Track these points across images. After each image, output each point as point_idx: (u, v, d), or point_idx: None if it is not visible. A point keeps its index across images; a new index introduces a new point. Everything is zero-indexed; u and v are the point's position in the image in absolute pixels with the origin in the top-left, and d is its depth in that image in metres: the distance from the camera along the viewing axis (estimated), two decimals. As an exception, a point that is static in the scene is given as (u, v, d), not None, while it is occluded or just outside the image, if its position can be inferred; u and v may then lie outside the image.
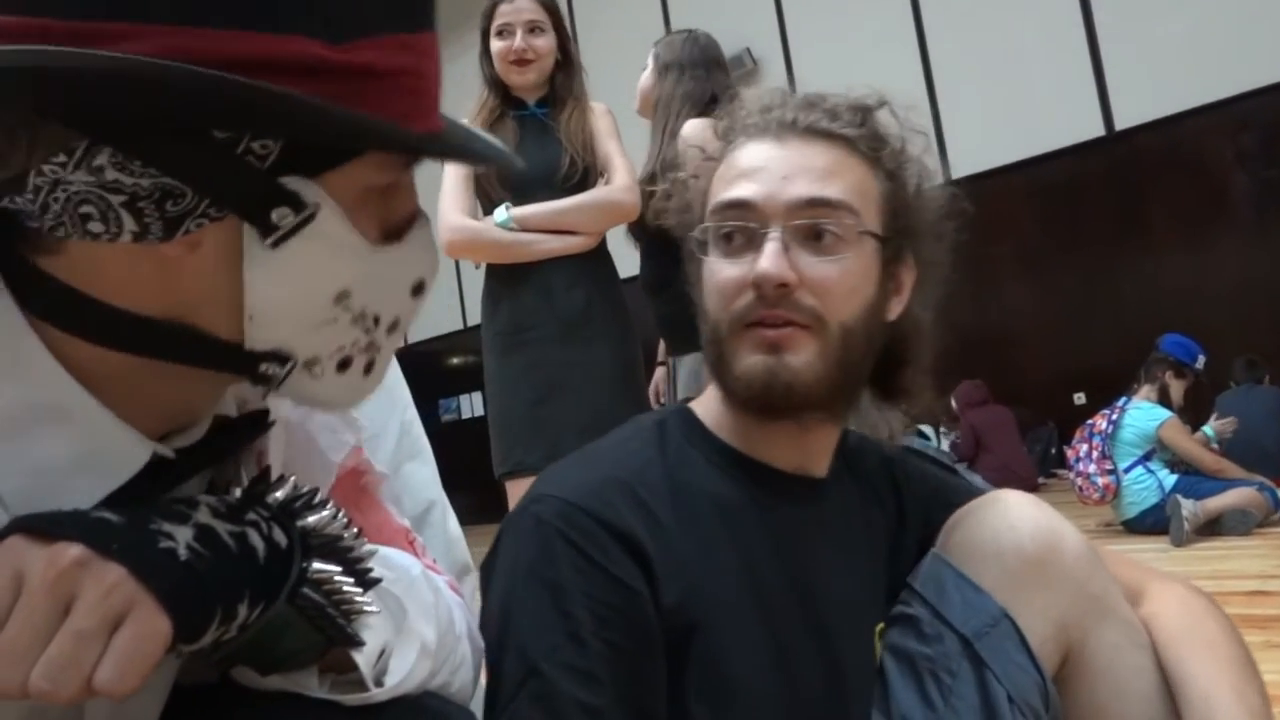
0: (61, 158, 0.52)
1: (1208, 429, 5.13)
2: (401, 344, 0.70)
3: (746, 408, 0.97)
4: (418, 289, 0.67)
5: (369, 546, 0.69)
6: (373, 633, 0.66)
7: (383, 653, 0.68)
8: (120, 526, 0.54)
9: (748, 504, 0.96)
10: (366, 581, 0.66)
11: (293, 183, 0.57)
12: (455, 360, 11.56)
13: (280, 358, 0.62)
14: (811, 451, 1.02)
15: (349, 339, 0.63)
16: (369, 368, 0.66)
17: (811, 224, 0.93)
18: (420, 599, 0.74)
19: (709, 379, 1.02)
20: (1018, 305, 7.54)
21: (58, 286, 0.57)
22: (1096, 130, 7.45)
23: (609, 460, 0.96)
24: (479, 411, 10.63)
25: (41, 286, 0.57)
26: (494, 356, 2.51)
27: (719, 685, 0.89)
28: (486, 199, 2.47)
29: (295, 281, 0.59)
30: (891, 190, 0.99)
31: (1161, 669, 0.96)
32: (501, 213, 2.42)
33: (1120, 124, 7.34)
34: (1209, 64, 6.86)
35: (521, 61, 2.49)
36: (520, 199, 2.42)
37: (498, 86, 2.55)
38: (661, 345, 2.93)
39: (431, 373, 11.38)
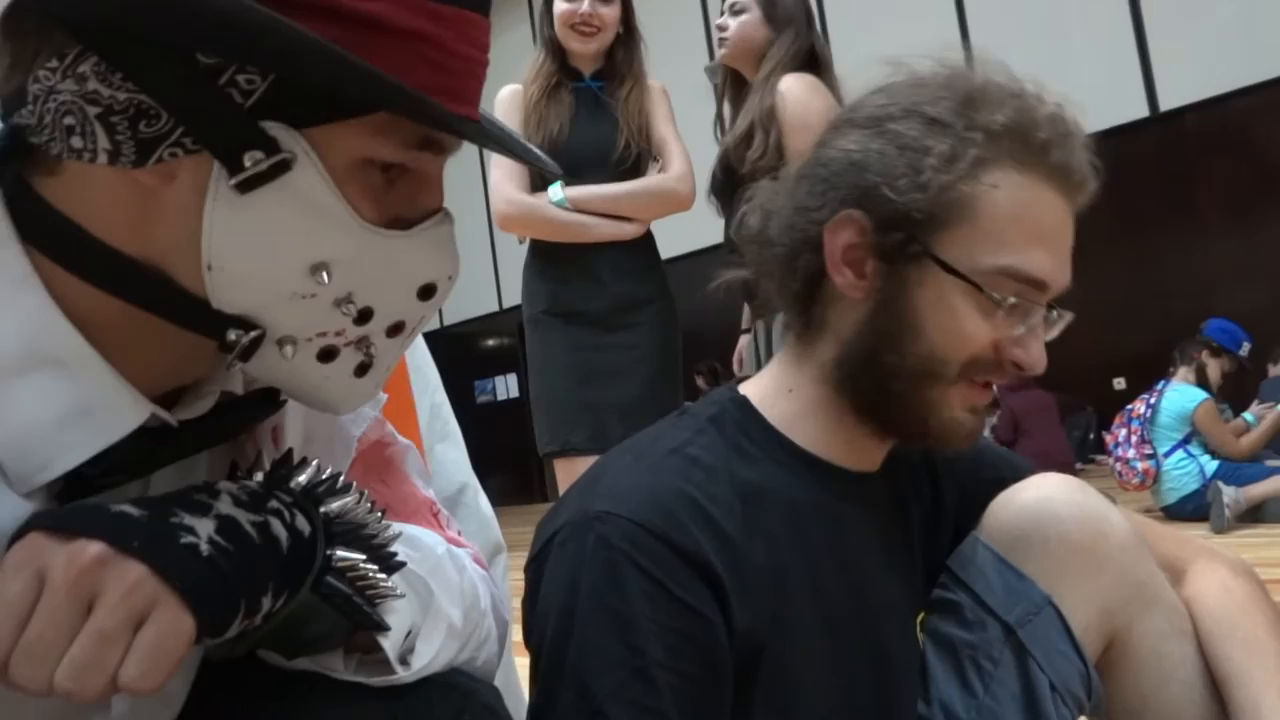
0: (54, 63, 0.53)
1: (1249, 415, 5.05)
2: (435, 325, 0.69)
3: (902, 440, 0.96)
4: (426, 292, 0.64)
5: (394, 528, 0.67)
6: (399, 616, 0.65)
7: (409, 634, 0.67)
8: (141, 521, 0.53)
9: (810, 504, 0.93)
10: (391, 565, 0.65)
11: (273, 128, 0.55)
12: (491, 342, 11.59)
13: (247, 325, 0.59)
14: (874, 453, 0.99)
15: (332, 325, 0.60)
16: (362, 369, 0.63)
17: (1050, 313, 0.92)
18: (446, 578, 0.72)
19: (801, 368, 0.97)
20: (1058, 289, 7.45)
21: (49, 211, 0.56)
22: (1141, 111, 7.32)
23: (670, 468, 0.89)
24: (514, 393, 10.67)
25: (37, 210, 0.57)
26: (538, 335, 2.49)
27: (786, 697, 0.87)
28: (538, 174, 2.41)
29: (265, 238, 0.56)
30: None
31: (1204, 656, 0.95)
32: (557, 191, 2.39)
33: (1165, 105, 7.22)
34: (1256, 43, 6.72)
35: (586, 28, 2.40)
36: (571, 178, 2.38)
37: (556, 52, 2.47)
38: (746, 311, 2.74)
39: (467, 354, 11.42)
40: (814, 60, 2.40)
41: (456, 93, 0.59)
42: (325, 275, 0.58)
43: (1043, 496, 0.98)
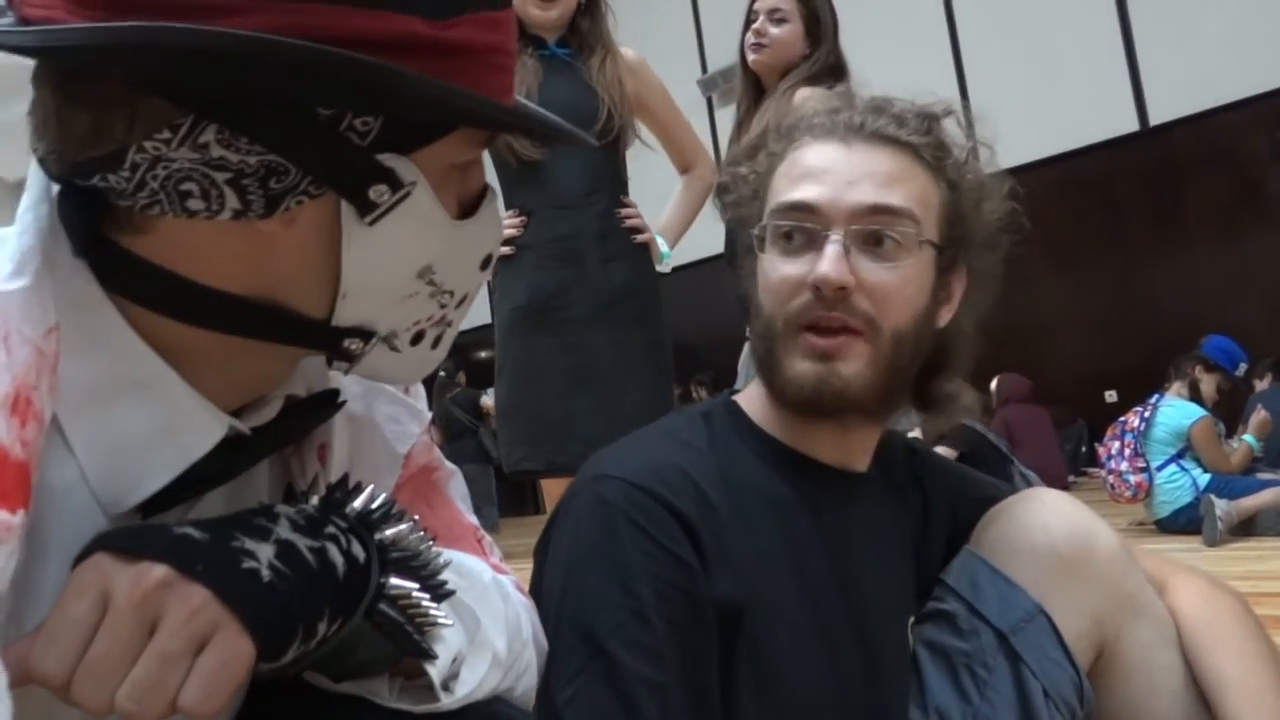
0: (165, 134, 0.52)
1: (1250, 439, 5.04)
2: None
3: (794, 409, 0.98)
4: (485, 263, 0.68)
5: (444, 556, 0.68)
6: (446, 644, 0.66)
7: (454, 660, 0.68)
8: (204, 545, 0.54)
9: (795, 498, 0.97)
10: (441, 594, 0.66)
11: (390, 160, 0.57)
12: (484, 354, 11.60)
13: (364, 333, 0.63)
14: (853, 449, 1.03)
15: (425, 313, 0.64)
16: (437, 341, 0.68)
17: (873, 230, 0.93)
18: (492, 608, 0.74)
19: (755, 373, 1.03)
20: (1049, 301, 7.48)
21: (142, 264, 0.57)
22: (1131, 125, 7.37)
23: (664, 448, 0.96)
24: (507, 405, 10.59)
25: (124, 264, 0.57)
26: (516, 337, 2.30)
27: (765, 675, 0.90)
28: (512, 153, 2.24)
29: (388, 258, 0.60)
30: (952, 200, 0.99)
31: (1189, 665, 0.96)
32: (668, 252, 2.39)
33: (1155, 119, 7.27)
34: (1244, 59, 6.77)
35: None
36: (551, 146, 2.18)
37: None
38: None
39: (460, 365, 11.43)
40: (836, 75, 2.43)
41: (511, 87, 0.63)
42: (431, 275, 0.63)
43: (1033, 509, 1.01)
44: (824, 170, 0.96)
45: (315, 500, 0.64)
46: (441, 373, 8.19)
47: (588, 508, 0.90)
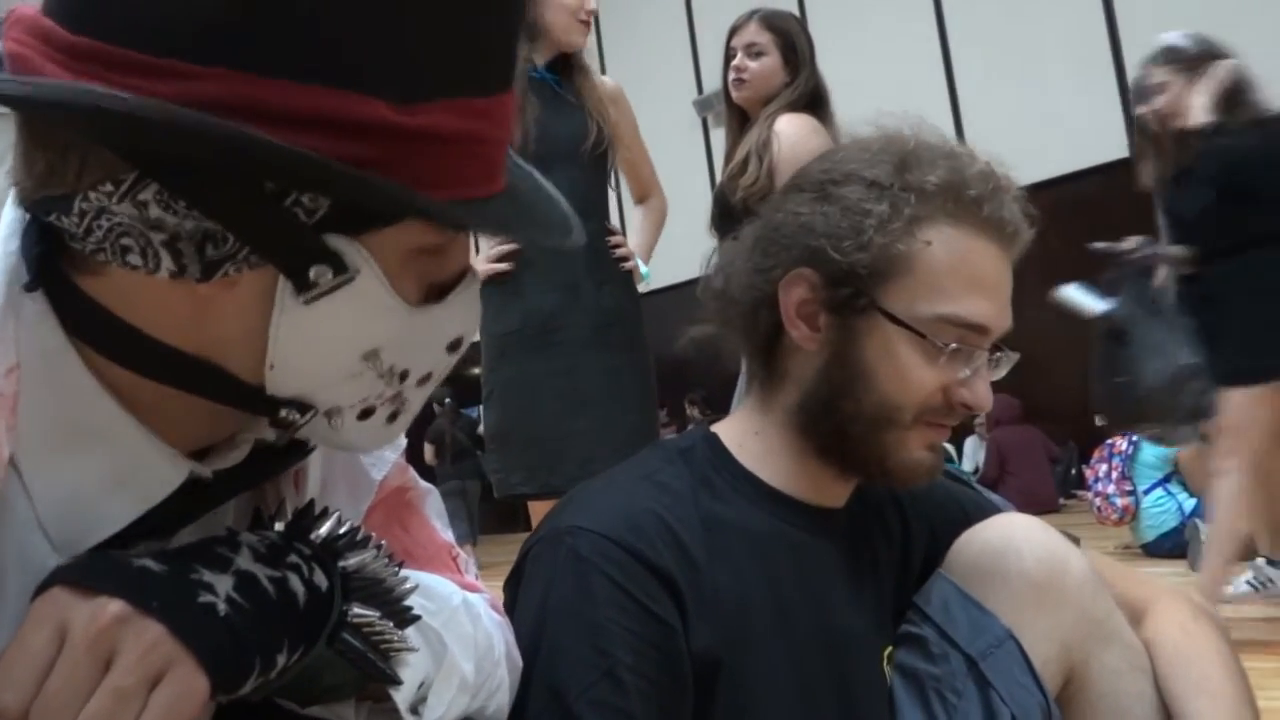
0: (109, 186, 0.52)
1: None
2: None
3: (865, 479, 1.02)
4: (454, 345, 0.65)
5: (410, 581, 0.68)
6: (412, 669, 0.66)
7: (422, 685, 0.68)
8: (161, 579, 0.54)
9: (775, 536, 0.97)
10: (406, 619, 0.66)
11: (336, 241, 0.55)
12: (475, 370, 11.56)
13: (301, 406, 0.61)
14: (845, 493, 1.04)
15: (374, 392, 0.62)
16: (393, 417, 0.65)
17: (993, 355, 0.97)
18: (460, 630, 0.73)
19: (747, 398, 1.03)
20: (1040, 324, 7.43)
21: (95, 308, 0.57)
22: (1121, 151, 7.42)
23: (640, 491, 0.95)
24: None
25: (80, 306, 0.57)
26: (508, 360, 2.31)
27: (742, 716, 0.90)
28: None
29: (324, 338, 0.58)
30: None
31: (1161, 695, 0.97)
32: (645, 269, 2.45)
33: (1146, 145, 7.32)
34: (1236, 86, 6.83)
35: (587, 22, 2.33)
36: (542, 171, 2.26)
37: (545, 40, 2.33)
38: None
39: (448, 383, 11.41)
40: (816, 100, 2.50)
41: (491, 173, 0.60)
42: (377, 359, 0.60)
43: (1005, 535, 1.02)
44: (993, 286, 0.95)
45: (280, 526, 0.64)
46: (446, 400, 8.38)
47: (561, 561, 0.88)
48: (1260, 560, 3.46)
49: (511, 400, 2.30)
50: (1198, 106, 2.96)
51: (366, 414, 0.63)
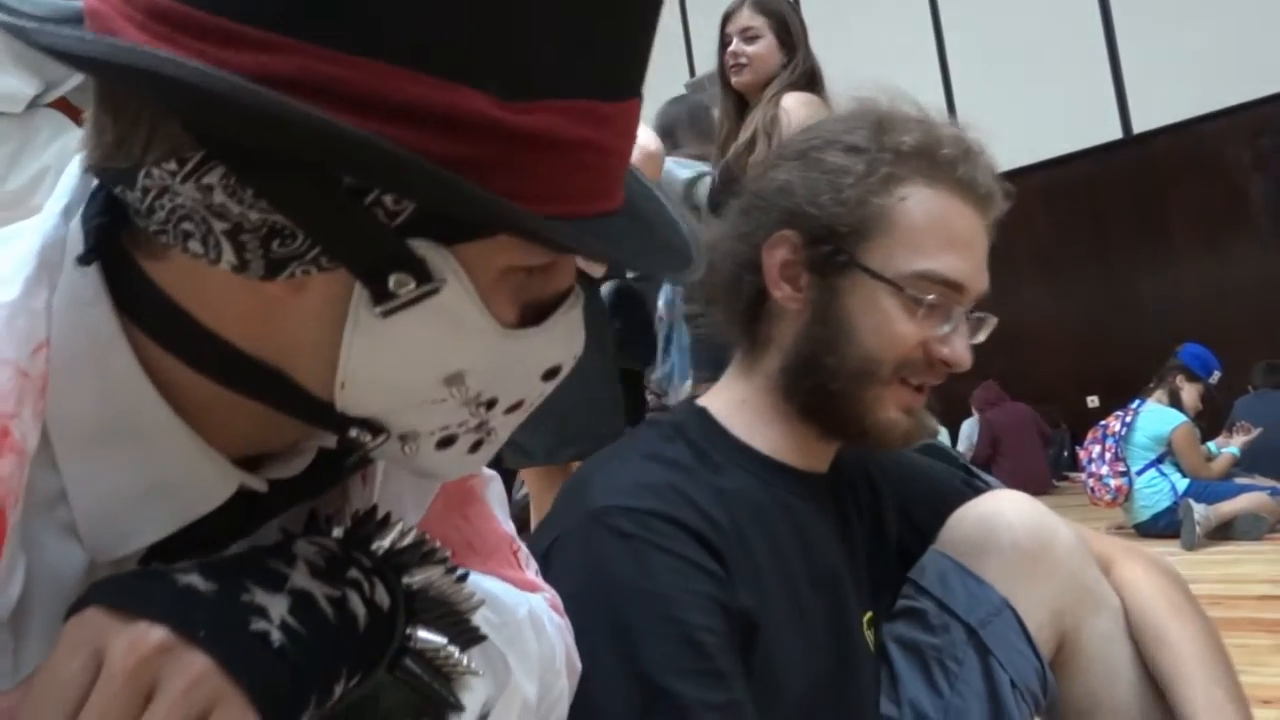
0: (172, 164, 0.46)
1: (1212, 446, 5.13)
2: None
3: (844, 439, 1.03)
4: (551, 374, 0.58)
5: (477, 594, 0.62)
6: (474, 695, 0.61)
7: (483, 707, 0.64)
8: (209, 601, 0.48)
9: (774, 503, 0.99)
10: (473, 640, 0.61)
11: (422, 247, 0.48)
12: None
13: (373, 427, 0.54)
14: (829, 457, 1.07)
15: (456, 419, 0.55)
16: (476, 446, 0.58)
17: (972, 315, 0.99)
18: (524, 650, 0.69)
19: (772, 380, 1.03)
20: (1033, 307, 7.54)
21: (155, 292, 0.51)
22: (1115, 133, 7.45)
23: (653, 471, 0.95)
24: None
25: (138, 287, 0.51)
26: None
27: (769, 686, 0.92)
28: None
29: (402, 357, 0.51)
30: None
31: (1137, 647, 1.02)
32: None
33: (1138, 127, 7.34)
34: (1227, 68, 6.85)
35: None
36: None
37: None
38: None
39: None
40: (813, 79, 2.54)
41: (610, 190, 0.53)
42: (462, 384, 0.53)
43: (997, 509, 1.06)
44: (967, 244, 0.97)
45: (338, 532, 0.58)
46: None
47: (604, 542, 0.86)
48: None
49: None
50: None
51: (447, 442, 0.56)
